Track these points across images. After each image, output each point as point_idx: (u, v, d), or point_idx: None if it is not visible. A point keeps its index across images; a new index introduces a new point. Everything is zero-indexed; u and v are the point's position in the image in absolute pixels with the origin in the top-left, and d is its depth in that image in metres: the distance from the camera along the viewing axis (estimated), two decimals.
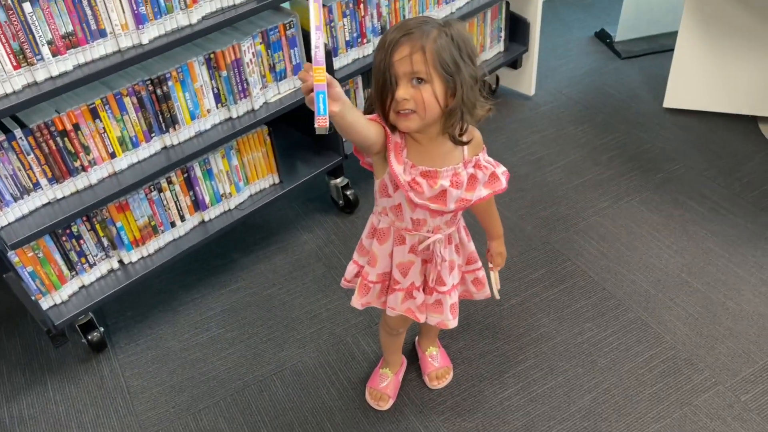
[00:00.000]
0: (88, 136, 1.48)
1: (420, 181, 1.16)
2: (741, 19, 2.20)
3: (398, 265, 1.30)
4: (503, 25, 2.43)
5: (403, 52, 1.05)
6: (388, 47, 1.06)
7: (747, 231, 1.98)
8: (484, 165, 1.21)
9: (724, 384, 1.59)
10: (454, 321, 1.37)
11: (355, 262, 1.38)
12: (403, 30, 1.06)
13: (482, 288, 1.45)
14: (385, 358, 1.63)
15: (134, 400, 1.68)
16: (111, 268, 1.72)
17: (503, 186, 1.24)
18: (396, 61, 1.05)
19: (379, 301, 1.38)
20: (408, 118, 1.09)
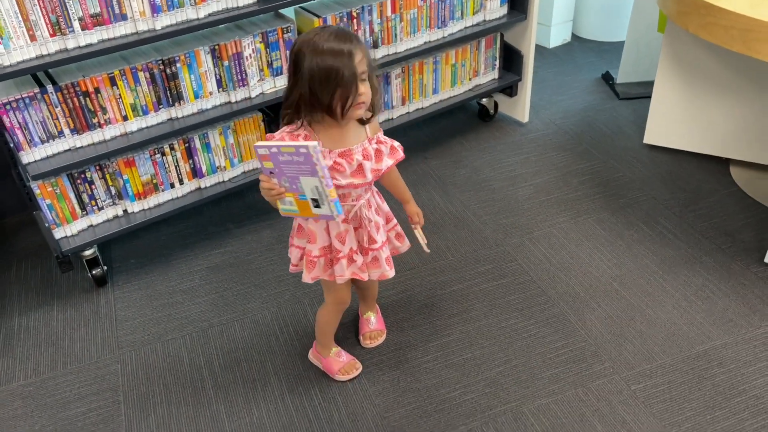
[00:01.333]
0: (106, 99, 1.85)
1: (340, 161, 1.44)
2: (714, 67, 2.38)
3: (336, 235, 1.55)
4: (497, 54, 2.70)
5: (358, 56, 1.33)
6: (348, 54, 1.31)
7: (686, 254, 2.13)
8: (383, 140, 1.49)
9: (619, 374, 1.75)
10: (391, 271, 1.62)
11: (296, 247, 1.62)
12: (350, 38, 1.33)
13: (403, 240, 1.72)
14: (325, 343, 1.78)
15: (119, 326, 2.00)
16: (116, 214, 2.06)
17: (401, 155, 1.51)
18: (356, 64, 1.33)
19: (326, 274, 1.60)
20: (360, 108, 1.38)
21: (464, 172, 2.60)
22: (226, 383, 1.80)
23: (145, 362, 1.87)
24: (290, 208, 1.39)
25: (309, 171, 1.26)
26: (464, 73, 2.64)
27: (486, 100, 2.88)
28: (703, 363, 1.77)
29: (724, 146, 2.53)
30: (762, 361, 1.77)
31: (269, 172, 1.32)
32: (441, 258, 2.18)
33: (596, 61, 3.42)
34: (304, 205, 1.36)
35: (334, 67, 1.30)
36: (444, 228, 2.31)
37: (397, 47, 2.34)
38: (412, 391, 1.74)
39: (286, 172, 1.29)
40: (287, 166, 1.27)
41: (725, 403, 1.66)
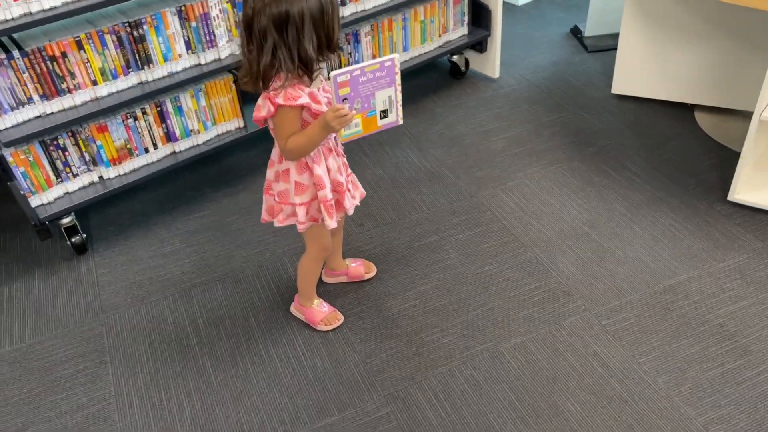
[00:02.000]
0: (73, 64, 1.85)
1: (324, 95, 1.49)
2: (676, 15, 2.42)
3: (337, 169, 1.59)
4: (466, 10, 2.72)
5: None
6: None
7: (653, 197, 2.20)
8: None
9: (591, 311, 1.82)
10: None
11: (302, 205, 1.58)
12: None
13: None
14: (309, 294, 1.83)
15: (101, 290, 2.02)
16: (92, 180, 2.07)
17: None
18: None
19: (338, 215, 1.65)
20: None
21: (438, 129, 2.63)
22: (210, 339, 1.84)
23: (130, 324, 1.90)
24: (353, 131, 1.47)
25: (387, 82, 1.43)
26: (433, 29, 2.65)
27: (457, 57, 2.90)
28: (670, 296, 1.84)
29: (688, 92, 2.58)
30: (725, 291, 1.84)
31: (342, 99, 1.40)
32: (417, 211, 2.22)
33: (564, 16, 3.45)
34: (370, 122, 1.47)
35: (324, 9, 1.36)
36: (419, 183, 2.35)
37: (365, 4, 2.35)
38: (392, 337, 1.80)
39: (362, 92, 1.41)
40: (366, 85, 1.41)
41: (691, 332, 1.74)
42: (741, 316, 1.77)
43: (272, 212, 1.68)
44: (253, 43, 1.37)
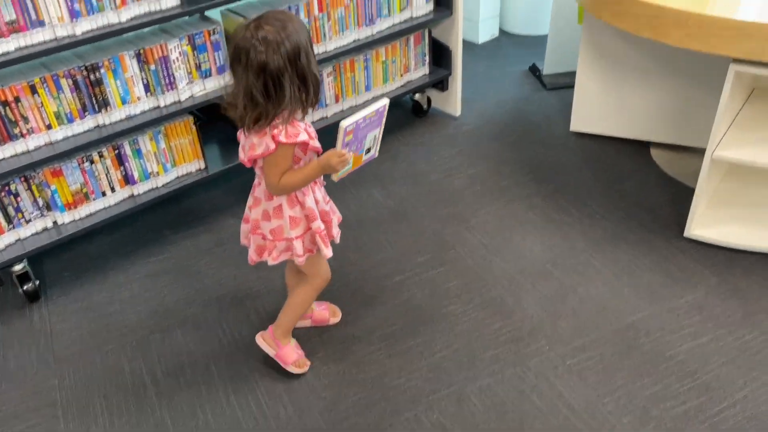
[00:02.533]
0: (27, 108, 1.80)
1: (311, 130, 1.52)
2: (630, 55, 2.50)
3: (323, 199, 1.63)
4: (427, 50, 2.76)
5: None
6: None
7: (612, 233, 2.24)
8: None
9: (555, 351, 1.83)
10: None
11: (297, 238, 1.58)
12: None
13: None
14: (289, 328, 1.78)
15: (54, 340, 1.95)
16: (45, 226, 2.01)
17: None
18: None
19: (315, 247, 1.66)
20: None
21: (401, 167, 2.64)
22: (169, 389, 1.78)
23: (84, 374, 1.83)
24: (345, 169, 1.53)
25: (377, 124, 1.52)
26: (395, 69, 2.68)
27: (419, 95, 2.94)
28: (632, 334, 1.86)
29: (644, 130, 2.65)
30: (685, 328, 1.87)
31: (346, 144, 1.46)
32: (382, 251, 2.22)
33: (523, 54, 3.53)
34: (357, 159, 1.55)
35: (310, 57, 1.41)
36: (383, 222, 2.35)
37: (326, 46, 2.37)
38: (357, 382, 1.77)
39: (360, 136, 1.49)
40: (363, 130, 1.49)
41: (653, 369, 1.76)
42: (701, 353, 1.79)
43: (261, 252, 1.64)
44: (263, 86, 1.36)
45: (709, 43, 1.81)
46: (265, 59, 1.34)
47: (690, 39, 1.84)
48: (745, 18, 1.74)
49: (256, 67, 1.35)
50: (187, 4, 1.96)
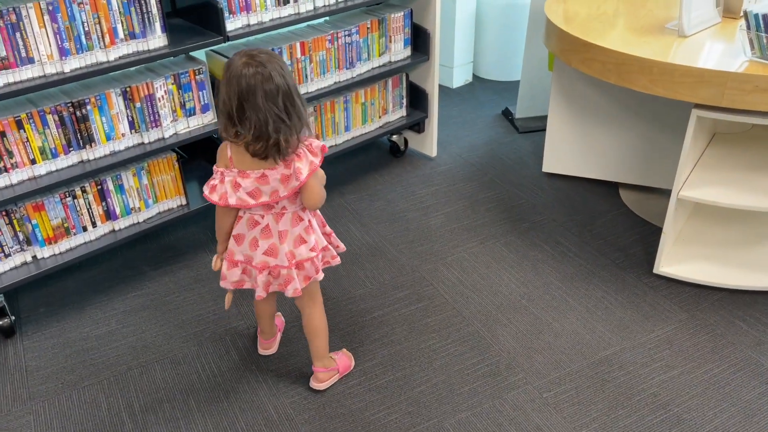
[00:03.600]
0: (12, 143, 1.82)
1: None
2: (598, 100, 2.62)
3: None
4: (404, 93, 2.85)
5: None
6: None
7: (585, 270, 2.30)
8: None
9: (532, 384, 1.86)
10: None
11: (317, 256, 1.70)
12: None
13: None
14: (327, 350, 1.85)
15: (29, 376, 1.92)
16: (24, 260, 2.00)
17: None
18: None
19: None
20: None
21: (379, 205, 2.70)
22: (147, 425, 1.76)
23: (60, 411, 1.81)
24: None
25: None
26: (374, 111, 2.76)
27: (396, 136, 3.02)
28: (606, 367, 1.91)
29: (612, 171, 2.76)
30: (657, 361, 1.93)
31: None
32: (360, 287, 2.25)
33: (496, 98, 3.65)
34: None
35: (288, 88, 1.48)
36: (362, 258, 2.39)
37: (308, 87, 2.44)
38: (337, 416, 1.78)
39: None
40: None
41: (627, 402, 1.80)
42: (672, 386, 1.84)
43: (285, 285, 1.68)
44: (284, 108, 1.44)
45: (672, 89, 1.92)
46: (278, 83, 1.42)
47: (654, 85, 1.95)
48: (705, 65, 1.86)
49: (274, 93, 1.42)
50: (173, 45, 2.02)
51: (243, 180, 1.52)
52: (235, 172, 1.53)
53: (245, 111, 1.42)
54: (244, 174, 1.52)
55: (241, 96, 1.41)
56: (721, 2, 2.22)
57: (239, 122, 1.44)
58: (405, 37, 2.69)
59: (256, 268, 1.65)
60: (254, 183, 1.52)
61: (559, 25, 2.23)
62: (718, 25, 2.20)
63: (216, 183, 1.54)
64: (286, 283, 1.66)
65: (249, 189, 1.53)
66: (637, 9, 2.40)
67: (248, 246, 1.64)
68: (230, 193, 1.53)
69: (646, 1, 2.48)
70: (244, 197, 1.53)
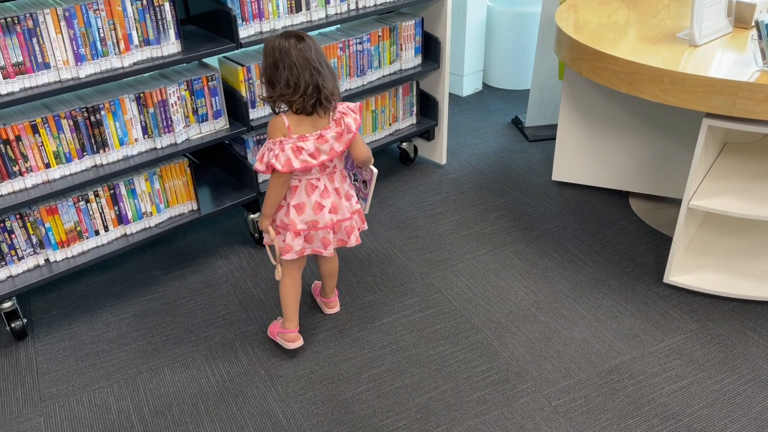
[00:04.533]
0: (27, 147, 1.85)
1: None
2: (609, 109, 2.62)
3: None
4: (414, 101, 2.86)
5: None
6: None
7: (594, 279, 2.30)
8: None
9: (541, 392, 1.86)
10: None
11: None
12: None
13: None
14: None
15: (41, 378, 1.93)
16: (38, 263, 2.02)
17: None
18: None
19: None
20: None
21: (389, 212, 2.71)
22: (157, 428, 1.77)
23: (70, 414, 1.82)
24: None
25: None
26: (384, 118, 2.78)
27: (406, 144, 3.03)
28: (615, 376, 1.90)
29: (623, 180, 2.76)
30: (667, 371, 1.92)
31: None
32: (369, 293, 2.25)
33: (506, 107, 3.66)
34: None
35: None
36: (371, 264, 2.39)
37: None
38: (346, 422, 1.78)
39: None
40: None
41: (636, 411, 1.79)
42: (683, 396, 1.83)
43: (345, 239, 1.91)
44: (321, 67, 1.66)
45: (684, 99, 1.92)
46: (309, 44, 1.65)
47: (665, 95, 1.96)
48: (716, 75, 1.86)
49: (307, 50, 1.64)
50: (186, 51, 2.04)
51: (304, 143, 1.68)
52: (294, 138, 1.68)
53: (279, 69, 1.63)
54: (303, 138, 1.69)
55: (278, 58, 1.62)
56: (732, 12, 2.22)
57: (277, 81, 1.64)
58: (416, 45, 2.70)
59: (325, 227, 1.82)
60: (314, 144, 1.69)
61: (570, 34, 2.24)
62: (730, 34, 2.20)
63: (277, 153, 1.68)
64: (348, 235, 1.88)
65: (310, 150, 1.69)
66: (648, 18, 2.41)
67: (312, 211, 1.79)
68: (293, 159, 1.68)
69: (657, 11, 2.49)
70: (306, 158, 1.69)
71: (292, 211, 1.78)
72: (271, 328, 2.05)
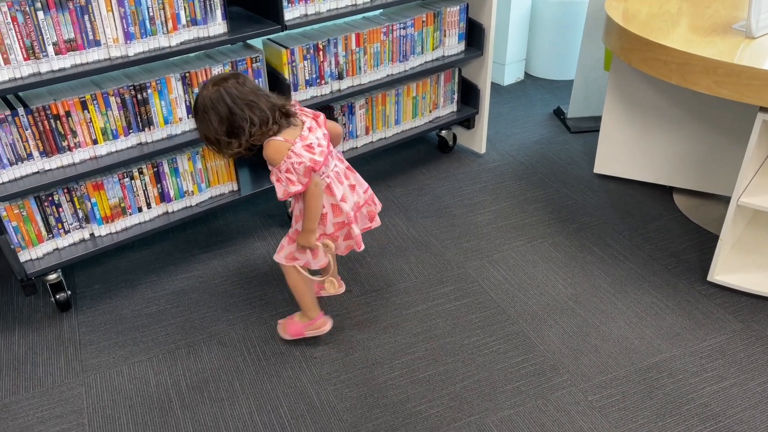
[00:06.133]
0: (76, 123, 1.88)
1: None
2: (656, 101, 2.56)
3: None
4: (456, 88, 2.83)
5: None
6: None
7: (635, 274, 2.25)
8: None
9: (577, 386, 1.83)
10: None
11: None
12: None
13: None
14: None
15: (83, 350, 1.98)
16: (83, 237, 2.07)
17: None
18: None
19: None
20: None
21: (426, 200, 2.69)
22: (193, 403, 1.80)
23: (111, 384, 1.86)
24: None
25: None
26: (425, 105, 2.76)
27: (445, 132, 3.00)
28: (654, 374, 1.86)
29: (667, 175, 2.69)
30: (708, 371, 1.87)
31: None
32: (405, 280, 2.25)
33: (548, 97, 3.60)
34: None
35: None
36: (407, 251, 2.39)
37: (361, 79, 2.45)
38: (379, 406, 1.78)
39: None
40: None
41: (676, 411, 1.76)
42: (724, 397, 1.79)
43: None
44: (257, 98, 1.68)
45: (738, 92, 1.85)
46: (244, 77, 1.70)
47: (718, 87, 1.89)
48: None
49: (250, 85, 1.68)
50: (232, 33, 2.05)
51: (310, 135, 1.68)
52: (298, 142, 1.66)
53: (236, 114, 1.61)
54: (303, 137, 1.68)
55: (229, 104, 1.60)
56: None
57: (240, 128, 1.62)
58: (459, 31, 2.67)
59: (366, 203, 1.90)
60: (311, 135, 1.69)
61: (620, 23, 2.18)
62: None
63: (294, 173, 1.65)
64: (374, 202, 1.94)
65: (318, 140, 1.69)
66: (702, 9, 2.33)
67: (350, 193, 1.82)
68: (316, 157, 1.66)
69: (711, 1, 2.41)
70: (323, 149, 1.69)
71: (330, 215, 1.80)
72: (292, 329, 1.97)
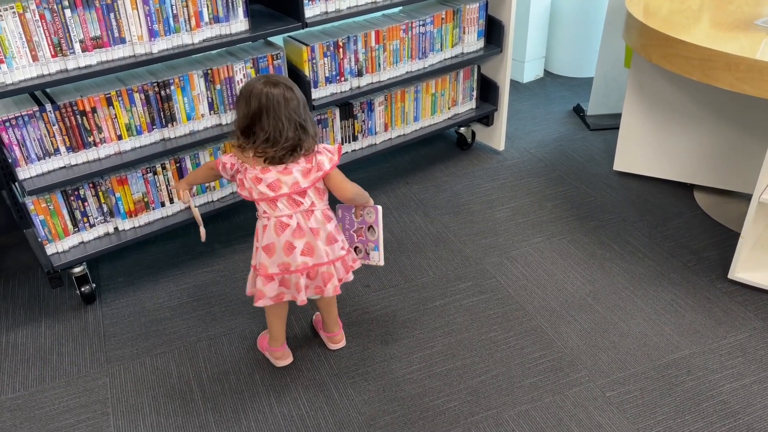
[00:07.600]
0: (102, 119, 1.92)
1: None
2: (676, 98, 2.54)
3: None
4: (475, 85, 2.84)
5: None
6: None
7: (655, 272, 2.24)
8: None
9: (595, 382, 1.84)
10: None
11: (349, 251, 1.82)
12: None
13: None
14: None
15: (107, 341, 2.03)
16: (107, 231, 2.11)
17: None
18: None
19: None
20: None
21: (444, 196, 2.70)
22: (214, 394, 1.83)
23: (134, 375, 1.90)
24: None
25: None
26: (444, 102, 2.77)
27: (464, 129, 3.01)
28: (673, 371, 1.86)
29: (687, 173, 2.67)
30: (728, 369, 1.86)
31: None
32: (423, 275, 2.26)
33: (567, 94, 3.59)
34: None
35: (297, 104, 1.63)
36: (425, 247, 2.40)
37: (380, 76, 2.46)
38: (397, 400, 1.80)
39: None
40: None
41: (694, 408, 1.75)
42: (743, 394, 1.78)
43: (326, 282, 1.73)
44: (305, 124, 1.59)
45: (761, 88, 1.84)
46: (298, 96, 1.58)
47: (741, 83, 1.88)
48: None
49: (303, 111, 1.58)
50: (253, 30, 2.08)
51: (264, 174, 1.59)
52: (257, 169, 1.60)
53: (262, 120, 1.53)
54: (266, 170, 1.59)
55: (264, 106, 1.52)
56: None
57: (254, 133, 1.55)
58: (479, 28, 2.67)
59: (296, 272, 1.66)
60: (276, 175, 1.59)
61: (641, 19, 2.18)
62: None
63: (241, 178, 1.64)
64: (325, 282, 1.70)
65: (269, 181, 1.59)
66: (723, 4, 2.32)
67: (282, 252, 1.64)
68: (253, 188, 1.61)
69: None
70: (264, 190, 1.60)
71: (261, 254, 1.66)
72: (260, 341, 1.97)
